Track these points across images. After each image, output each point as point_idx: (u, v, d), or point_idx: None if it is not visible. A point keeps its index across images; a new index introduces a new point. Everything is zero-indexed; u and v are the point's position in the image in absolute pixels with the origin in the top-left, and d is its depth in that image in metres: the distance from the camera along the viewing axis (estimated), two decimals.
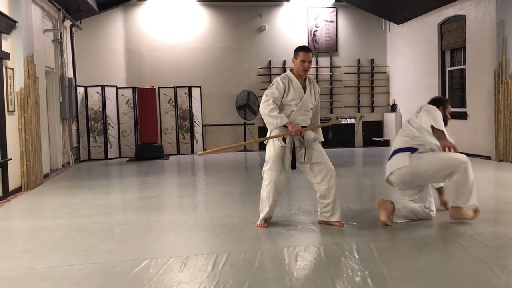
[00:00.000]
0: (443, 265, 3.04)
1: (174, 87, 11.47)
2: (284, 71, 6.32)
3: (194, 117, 11.50)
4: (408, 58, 11.75)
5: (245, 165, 9.47)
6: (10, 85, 6.35)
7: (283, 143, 4.07)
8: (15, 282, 2.97)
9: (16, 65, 6.60)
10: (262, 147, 10.67)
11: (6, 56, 6.24)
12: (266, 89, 4.21)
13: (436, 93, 10.52)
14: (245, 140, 11.81)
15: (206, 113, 11.86)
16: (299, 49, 4.13)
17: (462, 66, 9.82)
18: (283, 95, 4.10)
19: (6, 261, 3.44)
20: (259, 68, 12.22)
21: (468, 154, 9.24)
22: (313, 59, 4.16)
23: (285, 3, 12.31)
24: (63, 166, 9.21)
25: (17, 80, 6.62)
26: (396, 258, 3.22)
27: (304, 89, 4.15)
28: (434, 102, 4.35)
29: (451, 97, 10.37)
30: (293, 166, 4.14)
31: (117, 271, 3.13)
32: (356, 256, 3.27)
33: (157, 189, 6.45)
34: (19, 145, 6.58)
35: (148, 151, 10.46)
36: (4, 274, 3.13)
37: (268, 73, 12.19)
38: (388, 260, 3.17)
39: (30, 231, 4.35)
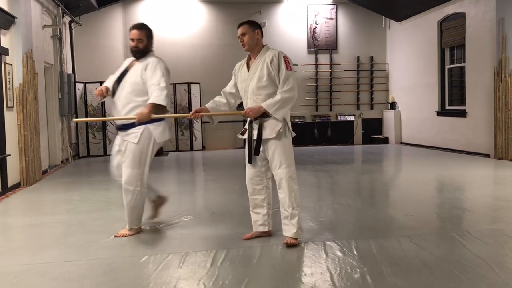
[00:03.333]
0: (442, 263, 3.04)
1: (173, 84, 11.42)
2: None
3: None
4: (408, 55, 11.74)
5: (245, 162, 9.44)
6: (9, 81, 6.34)
7: (240, 135, 3.85)
8: (14, 277, 2.97)
9: (15, 61, 6.59)
10: None
11: (5, 51, 6.22)
12: None
13: (435, 90, 10.53)
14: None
15: None
16: None
17: (462, 64, 9.81)
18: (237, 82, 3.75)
19: (5, 256, 3.44)
20: None
21: (467, 152, 9.31)
22: (259, 32, 3.56)
23: (285, 0, 12.28)
24: (62, 162, 9.20)
25: (16, 75, 6.60)
26: (395, 255, 3.22)
27: (249, 69, 3.60)
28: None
29: (450, 95, 10.38)
30: (249, 159, 3.72)
31: (116, 267, 3.13)
32: (355, 253, 3.27)
33: (156, 186, 6.42)
34: (18, 141, 6.57)
35: None
36: (3, 270, 3.12)
37: None
38: (386, 257, 3.17)
39: (29, 227, 4.34)
